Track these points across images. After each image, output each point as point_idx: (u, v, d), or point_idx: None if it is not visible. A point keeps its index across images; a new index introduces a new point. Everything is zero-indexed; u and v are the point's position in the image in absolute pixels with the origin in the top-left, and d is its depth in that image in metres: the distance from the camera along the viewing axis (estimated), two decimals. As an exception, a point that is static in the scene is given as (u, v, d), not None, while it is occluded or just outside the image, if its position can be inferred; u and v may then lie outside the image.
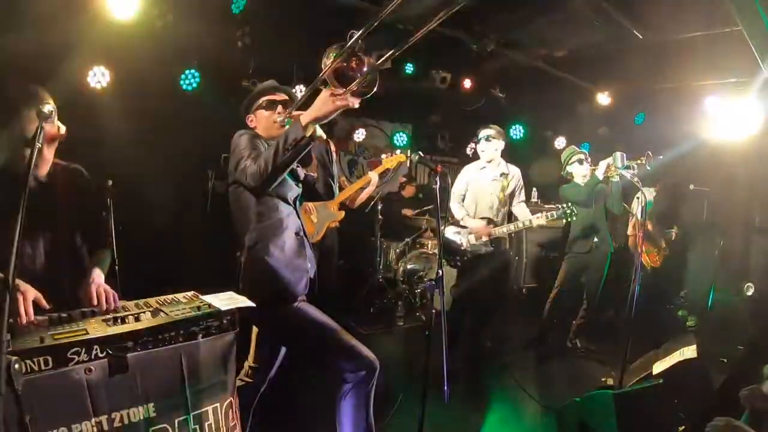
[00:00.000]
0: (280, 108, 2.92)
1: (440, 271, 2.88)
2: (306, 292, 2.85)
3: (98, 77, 5.36)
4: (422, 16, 5.05)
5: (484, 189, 5.21)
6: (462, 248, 5.17)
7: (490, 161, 5.21)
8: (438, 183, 2.90)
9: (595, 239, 5.60)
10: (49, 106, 1.97)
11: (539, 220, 4.96)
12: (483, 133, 5.19)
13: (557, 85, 7.43)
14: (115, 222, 5.62)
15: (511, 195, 5.28)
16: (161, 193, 5.80)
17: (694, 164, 7.26)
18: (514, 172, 5.28)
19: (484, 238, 5.07)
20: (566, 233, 5.95)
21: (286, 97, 2.99)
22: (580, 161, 5.62)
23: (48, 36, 4.58)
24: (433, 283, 2.88)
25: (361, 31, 2.14)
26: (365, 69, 2.28)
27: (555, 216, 5.05)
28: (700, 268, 7.68)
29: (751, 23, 3.96)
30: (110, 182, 5.45)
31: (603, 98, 7.79)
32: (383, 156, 5.14)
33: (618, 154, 4.81)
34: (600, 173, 5.31)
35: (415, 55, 6.41)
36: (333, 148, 2.95)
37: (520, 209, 5.31)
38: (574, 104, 8.36)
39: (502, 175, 5.20)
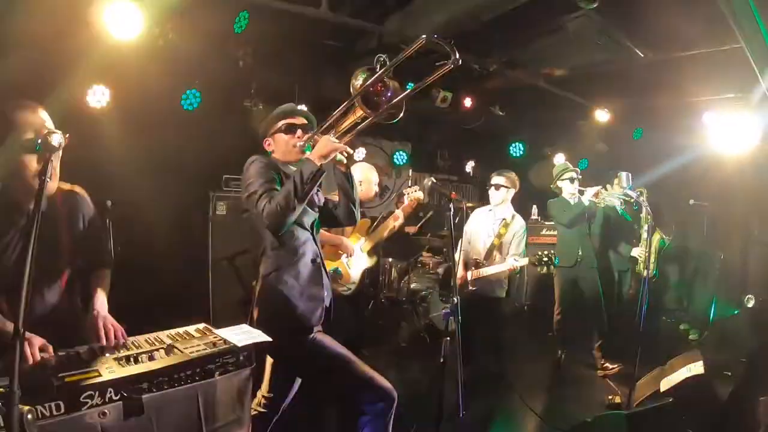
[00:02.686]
0: (299, 132, 2.87)
1: (456, 299, 2.83)
2: (321, 322, 2.79)
3: (98, 96, 5.27)
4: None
5: (481, 231, 5.31)
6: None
7: (497, 205, 5.29)
8: (451, 209, 2.86)
9: (579, 252, 5.65)
10: (57, 137, 1.80)
11: (517, 262, 4.95)
12: (494, 180, 5.29)
13: (556, 102, 7.43)
14: (114, 243, 5.55)
15: (508, 244, 5.19)
16: (161, 215, 5.73)
17: (693, 179, 7.28)
18: (518, 223, 5.24)
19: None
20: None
21: (305, 121, 2.94)
22: (572, 179, 5.68)
23: (48, 54, 4.54)
24: (449, 311, 2.82)
25: (393, 62, 2.34)
26: (390, 94, 2.42)
27: (534, 262, 5.16)
28: (701, 281, 7.70)
29: (751, 37, 3.98)
30: (109, 203, 5.39)
31: (601, 115, 7.79)
32: (407, 190, 4.96)
33: (623, 174, 4.84)
34: (586, 199, 5.42)
35: (416, 74, 6.41)
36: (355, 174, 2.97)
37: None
38: (573, 121, 8.36)
39: (503, 220, 5.21)
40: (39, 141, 1.81)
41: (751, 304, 6.61)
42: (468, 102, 7.34)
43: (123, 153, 5.45)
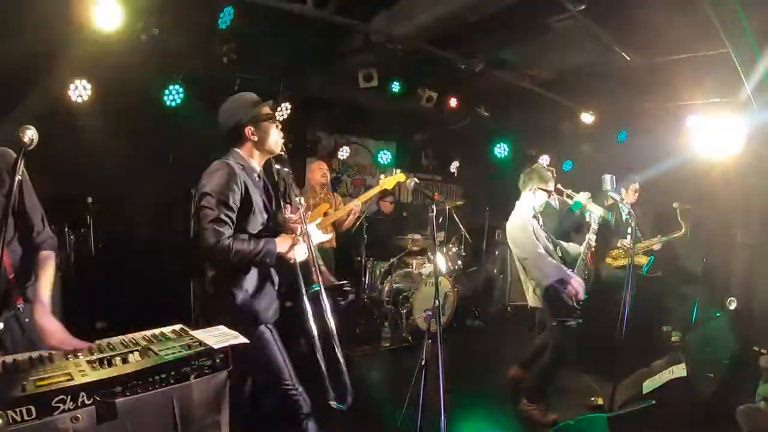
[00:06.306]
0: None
1: (437, 301, 2.81)
2: (277, 318, 2.82)
3: (80, 91, 5.22)
4: (410, 36, 5.10)
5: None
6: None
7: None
8: (434, 211, 2.84)
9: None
10: (30, 132, 1.83)
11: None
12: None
13: (541, 104, 7.44)
14: (95, 239, 5.48)
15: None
16: (142, 212, 5.67)
17: (677, 182, 7.31)
18: None
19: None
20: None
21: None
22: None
23: (29, 48, 4.46)
24: (431, 313, 2.80)
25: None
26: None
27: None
28: (683, 283, 7.73)
29: (737, 40, 4.00)
30: (90, 199, 5.32)
31: (586, 117, 7.80)
32: (382, 176, 4.92)
33: (607, 176, 4.83)
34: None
35: (402, 73, 6.37)
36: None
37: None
38: (558, 123, 8.38)
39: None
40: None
41: (733, 307, 6.66)
42: (453, 102, 7.36)
43: (104, 149, 5.38)
